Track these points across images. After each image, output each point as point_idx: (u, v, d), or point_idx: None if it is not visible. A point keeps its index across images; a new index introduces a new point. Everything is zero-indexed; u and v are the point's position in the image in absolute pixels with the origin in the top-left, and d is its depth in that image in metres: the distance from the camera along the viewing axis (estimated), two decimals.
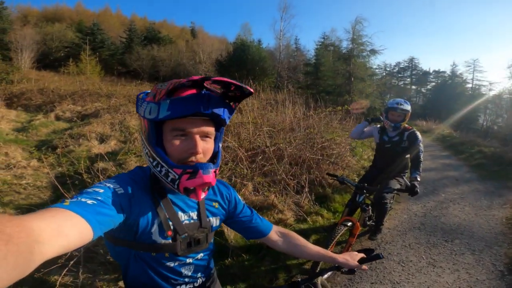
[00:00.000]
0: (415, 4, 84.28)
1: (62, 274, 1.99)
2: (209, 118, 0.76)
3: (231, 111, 0.79)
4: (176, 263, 0.87)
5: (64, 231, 0.48)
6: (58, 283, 1.92)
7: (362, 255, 1.08)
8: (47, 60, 25.22)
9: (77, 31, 29.41)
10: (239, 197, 1.06)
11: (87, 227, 0.54)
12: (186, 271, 0.90)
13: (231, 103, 0.78)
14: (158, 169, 0.75)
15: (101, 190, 0.68)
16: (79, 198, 0.61)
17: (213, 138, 0.81)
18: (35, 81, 12.21)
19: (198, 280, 0.96)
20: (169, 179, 0.74)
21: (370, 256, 1.07)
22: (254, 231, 1.04)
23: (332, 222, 3.62)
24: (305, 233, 3.19)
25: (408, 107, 2.94)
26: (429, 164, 8.16)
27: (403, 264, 2.78)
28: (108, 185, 0.72)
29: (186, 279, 0.91)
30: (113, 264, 2.23)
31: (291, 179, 4.29)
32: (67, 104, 8.82)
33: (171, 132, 0.74)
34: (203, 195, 0.78)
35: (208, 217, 0.92)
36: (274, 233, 1.08)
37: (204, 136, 0.77)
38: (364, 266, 1.06)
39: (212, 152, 0.81)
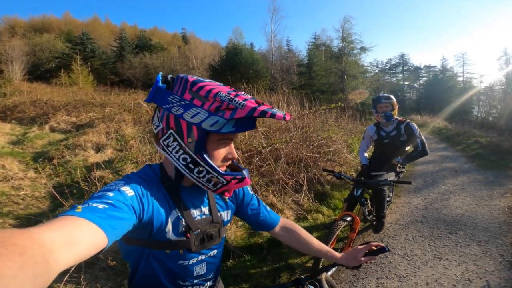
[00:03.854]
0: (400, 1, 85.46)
1: (64, 280, 1.95)
2: None
3: None
4: (190, 261, 0.86)
5: (75, 239, 0.47)
6: None
7: (365, 249, 1.04)
8: (38, 72, 24.92)
9: (66, 41, 29.09)
10: (248, 188, 1.05)
11: (99, 233, 0.52)
12: (198, 270, 0.89)
13: None
14: (201, 174, 0.78)
15: (111, 194, 0.66)
16: (90, 203, 0.59)
17: None
18: (27, 93, 12.09)
19: (206, 284, 0.94)
20: (211, 183, 0.79)
21: (376, 250, 1.03)
22: (261, 223, 1.06)
23: (333, 219, 3.59)
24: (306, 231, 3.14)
25: (391, 96, 3.12)
26: (427, 157, 8.16)
27: (408, 258, 2.74)
28: (118, 187, 0.69)
29: (195, 281, 0.90)
30: (114, 269, 2.18)
31: (289, 178, 4.27)
32: (61, 115, 8.74)
33: (218, 141, 0.78)
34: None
35: (219, 211, 0.93)
36: (281, 227, 1.09)
37: None
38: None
39: None
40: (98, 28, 37.43)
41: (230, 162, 0.84)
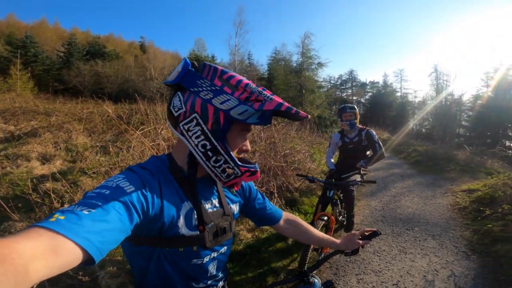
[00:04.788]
0: (352, 19, 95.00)
1: None
2: None
3: None
4: (204, 260, 0.81)
5: (54, 250, 0.43)
6: None
7: (360, 233, 1.11)
8: None
9: (5, 43, 25.65)
10: (253, 183, 1.05)
11: (72, 247, 0.46)
12: (211, 269, 0.85)
13: None
14: (218, 164, 0.75)
15: (107, 191, 0.60)
16: (75, 208, 0.52)
17: None
18: None
19: (219, 284, 0.91)
20: (225, 174, 0.77)
21: (369, 234, 1.11)
22: (268, 218, 1.05)
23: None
24: (282, 236, 3.19)
25: (355, 107, 3.48)
26: (376, 165, 9.05)
27: (378, 254, 2.95)
28: (116, 183, 0.64)
29: (209, 281, 0.86)
30: (84, 285, 1.91)
31: (259, 187, 4.33)
32: None
33: (239, 131, 0.77)
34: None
35: (228, 204, 0.90)
36: (284, 220, 1.10)
37: None
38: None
39: None
40: (45, 32, 33.50)
41: (243, 154, 0.83)
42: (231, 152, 0.74)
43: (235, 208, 0.93)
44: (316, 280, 1.13)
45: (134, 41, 44.57)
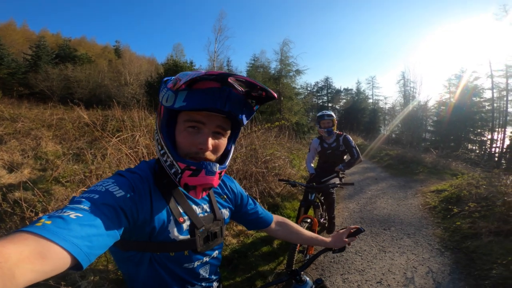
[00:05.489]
0: (327, 27, 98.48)
1: None
2: (226, 116, 0.72)
3: (250, 113, 0.75)
4: (195, 264, 0.81)
5: (40, 254, 0.43)
6: None
7: (346, 231, 1.18)
8: None
9: None
10: (242, 188, 1.06)
11: (59, 252, 0.46)
12: (203, 272, 0.85)
13: (252, 104, 0.74)
14: (164, 158, 0.72)
15: (96, 196, 0.60)
16: (63, 212, 0.52)
17: (227, 136, 0.78)
18: None
19: (213, 285, 0.91)
20: (172, 171, 0.71)
21: (354, 231, 1.18)
22: (260, 221, 1.07)
23: None
24: (267, 240, 3.22)
25: (332, 114, 3.60)
26: (352, 169, 9.41)
27: (360, 254, 3.07)
28: (106, 187, 0.64)
29: (203, 283, 0.86)
30: None
31: None
32: None
33: (184, 123, 0.71)
34: (202, 195, 0.74)
35: (220, 209, 0.90)
36: (275, 222, 1.13)
37: (217, 133, 0.73)
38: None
39: (223, 151, 0.77)
40: (12, 34, 31.21)
41: (202, 152, 0.71)
42: (170, 144, 0.71)
43: (226, 213, 0.93)
44: (308, 279, 1.18)
45: (109, 45, 42.69)
